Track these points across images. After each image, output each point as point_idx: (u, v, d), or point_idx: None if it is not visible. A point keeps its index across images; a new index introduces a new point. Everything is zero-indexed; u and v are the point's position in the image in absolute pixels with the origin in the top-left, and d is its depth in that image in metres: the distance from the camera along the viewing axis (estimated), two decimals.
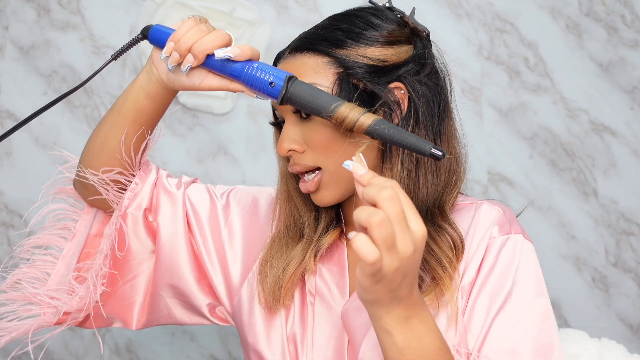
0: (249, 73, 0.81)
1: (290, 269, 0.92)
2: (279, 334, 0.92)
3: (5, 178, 1.67)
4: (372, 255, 0.62)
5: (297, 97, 0.79)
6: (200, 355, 1.68)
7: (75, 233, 1.02)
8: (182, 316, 1.05)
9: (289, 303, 0.92)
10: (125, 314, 1.04)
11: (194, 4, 1.70)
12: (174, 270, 1.01)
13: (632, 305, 1.79)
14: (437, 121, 0.90)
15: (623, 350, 1.18)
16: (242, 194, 1.06)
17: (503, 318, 0.82)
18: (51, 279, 0.99)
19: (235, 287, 0.99)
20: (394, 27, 0.89)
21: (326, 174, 0.88)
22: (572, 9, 1.87)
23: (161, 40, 0.86)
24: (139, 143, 0.95)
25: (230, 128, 1.74)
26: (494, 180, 1.81)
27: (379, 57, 0.86)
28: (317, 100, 0.79)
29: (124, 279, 1.02)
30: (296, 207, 0.95)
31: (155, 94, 0.90)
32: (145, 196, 0.99)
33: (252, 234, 1.01)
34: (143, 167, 1.00)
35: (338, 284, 0.92)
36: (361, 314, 0.88)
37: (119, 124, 0.93)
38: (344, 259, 0.94)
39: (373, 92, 0.86)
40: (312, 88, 0.80)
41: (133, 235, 1.00)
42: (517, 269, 0.86)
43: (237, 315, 0.98)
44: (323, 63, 0.87)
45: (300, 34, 0.93)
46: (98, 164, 0.95)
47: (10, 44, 1.71)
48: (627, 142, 1.84)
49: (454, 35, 1.83)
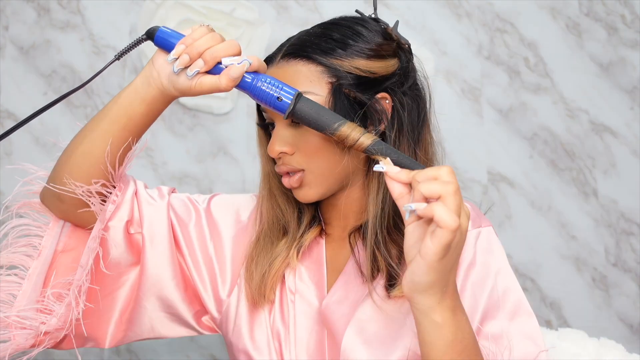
0: (257, 86, 0.82)
1: (275, 265, 0.95)
2: (264, 331, 0.95)
3: (5, 178, 1.67)
4: (456, 221, 0.65)
5: (302, 113, 0.82)
6: (200, 355, 1.68)
7: (40, 250, 0.97)
8: (166, 330, 1.02)
9: (272, 299, 0.95)
10: (98, 331, 1.00)
11: (194, 4, 1.70)
12: (161, 281, 0.99)
13: (632, 305, 1.79)
14: (417, 129, 0.95)
15: (622, 350, 1.18)
16: (224, 203, 1.05)
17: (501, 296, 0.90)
18: (17, 301, 0.94)
19: (224, 296, 0.99)
20: (382, 40, 0.93)
21: (310, 174, 0.93)
22: (572, 9, 1.87)
23: (168, 42, 0.85)
24: (124, 154, 0.92)
25: (230, 128, 1.74)
26: (494, 180, 1.81)
27: (370, 69, 0.91)
28: (321, 118, 0.82)
29: (101, 294, 0.98)
30: (279, 206, 0.99)
31: (152, 99, 0.88)
32: (126, 208, 0.96)
33: (237, 244, 1.02)
34: (123, 179, 0.97)
35: (316, 281, 0.96)
36: (342, 306, 0.92)
37: (107, 132, 0.89)
38: (322, 257, 0.98)
39: (362, 101, 0.90)
40: (317, 106, 0.83)
41: (114, 249, 0.96)
42: (495, 257, 0.92)
43: (224, 321, 0.99)
44: (317, 72, 0.90)
45: (290, 39, 0.95)
46: (79, 175, 0.91)
47: (10, 44, 1.71)
48: (627, 142, 1.84)
49: (454, 35, 1.83)
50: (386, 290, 0.90)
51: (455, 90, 1.80)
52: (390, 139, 0.92)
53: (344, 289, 0.94)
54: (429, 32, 1.82)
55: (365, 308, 0.91)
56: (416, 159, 0.93)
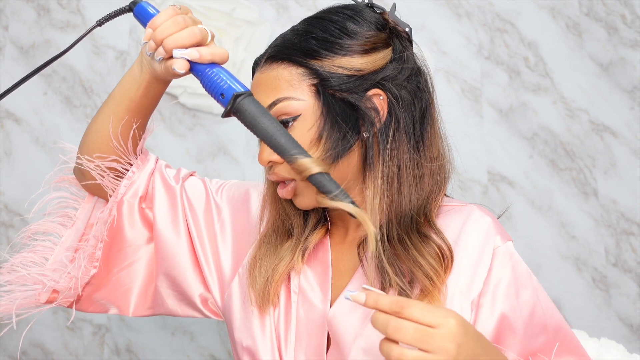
0: (208, 76, 0.81)
1: (279, 269, 0.92)
2: (269, 332, 0.93)
3: (5, 178, 1.67)
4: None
5: (242, 115, 0.78)
6: (200, 355, 1.68)
7: (74, 221, 1.04)
8: (174, 307, 1.06)
9: (275, 301, 0.93)
10: (120, 300, 1.05)
11: (194, 4, 1.70)
12: (169, 259, 1.02)
13: (632, 305, 1.79)
14: (419, 125, 0.89)
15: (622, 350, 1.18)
16: (236, 188, 1.06)
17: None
18: (49, 264, 1.01)
19: (227, 280, 1.00)
20: (371, 32, 0.87)
21: (301, 183, 0.88)
22: (572, 9, 1.87)
23: (142, 20, 0.88)
24: (128, 131, 0.96)
25: (230, 128, 1.74)
26: (494, 180, 1.80)
27: (355, 67, 0.85)
28: (259, 125, 0.77)
29: (119, 266, 1.03)
30: (284, 209, 0.96)
31: (147, 84, 0.91)
32: (141, 184, 1.01)
33: (241, 228, 1.02)
34: (142, 156, 1.02)
35: (321, 283, 0.92)
36: (350, 318, 0.88)
37: (113, 112, 0.95)
38: (327, 259, 0.94)
39: (351, 103, 0.85)
40: (258, 111, 0.77)
41: (128, 223, 1.01)
42: (528, 273, 0.88)
43: (227, 310, 0.99)
44: (298, 74, 0.86)
45: (276, 39, 0.92)
46: (93, 151, 0.97)
47: (10, 44, 1.71)
48: (627, 142, 1.84)
49: (454, 35, 1.83)
50: None
51: (455, 90, 1.80)
52: (387, 140, 0.86)
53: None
54: (428, 32, 1.82)
55: None
56: (419, 158, 0.88)
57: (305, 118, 0.86)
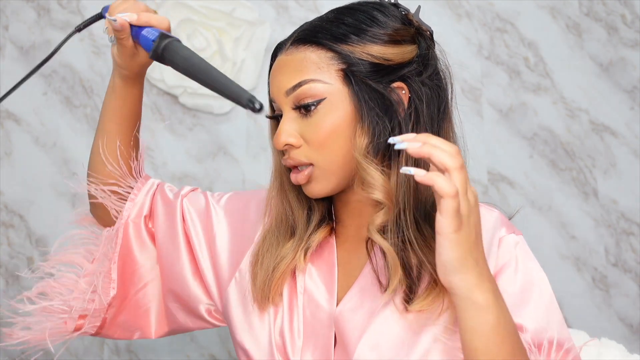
0: (144, 36, 0.87)
1: (280, 268, 0.92)
2: (267, 332, 0.92)
3: (5, 178, 1.67)
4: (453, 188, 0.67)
5: (173, 53, 0.84)
6: (200, 355, 1.68)
7: (95, 256, 1.05)
8: (185, 321, 1.07)
9: (278, 301, 0.92)
10: (141, 321, 1.06)
11: (194, 4, 1.70)
12: (170, 273, 1.03)
13: (632, 305, 1.79)
14: (437, 123, 0.90)
15: (623, 350, 1.18)
16: (237, 198, 1.06)
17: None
18: (74, 294, 1.03)
19: (224, 286, 1.00)
20: (399, 25, 0.88)
21: (317, 169, 0.88)
22: (572, 9, 1.87)
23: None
24: (113, 147, 1.00)
25: (230, 128, 1.74)
26: (494, 180, 1.81)
27: (384, 56, 0.86)
28: (191, 60, 0.82)
29: (135, 288, 1.05)
30: (289, 202, 0.94)
31: (119, 88, 0.96)
32: (145, 204, 1.04)
33: (239, 236, 1.02)
34: (141, 180, 1.05)
35: (326, 282, 0.92)
36: (356, 315, 0.88)
37: (102, 129, 1.00)
38: (333, 258, 0.93)
39: (376, 90, 0.85)
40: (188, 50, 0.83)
41: (136, 244, 1.03)
42: (533, 266, 0.91)
43: (227, 312, 0.99)
44: (326, 58, 0.86)
45: (302, 25, 0.92)
46: (95, 172, 1.01)
47: (10, 44, 1.71)
48: (627, 142, 1.84)
49: (454, 35, 1.83)
50: (405, 303, 0.84)
51: (455, 90, 1.80)
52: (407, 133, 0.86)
53: (359, 296, 0.89)
54: None
55: (382, 320, 0.86)
56: None
57: (330, 102, 0.86)
